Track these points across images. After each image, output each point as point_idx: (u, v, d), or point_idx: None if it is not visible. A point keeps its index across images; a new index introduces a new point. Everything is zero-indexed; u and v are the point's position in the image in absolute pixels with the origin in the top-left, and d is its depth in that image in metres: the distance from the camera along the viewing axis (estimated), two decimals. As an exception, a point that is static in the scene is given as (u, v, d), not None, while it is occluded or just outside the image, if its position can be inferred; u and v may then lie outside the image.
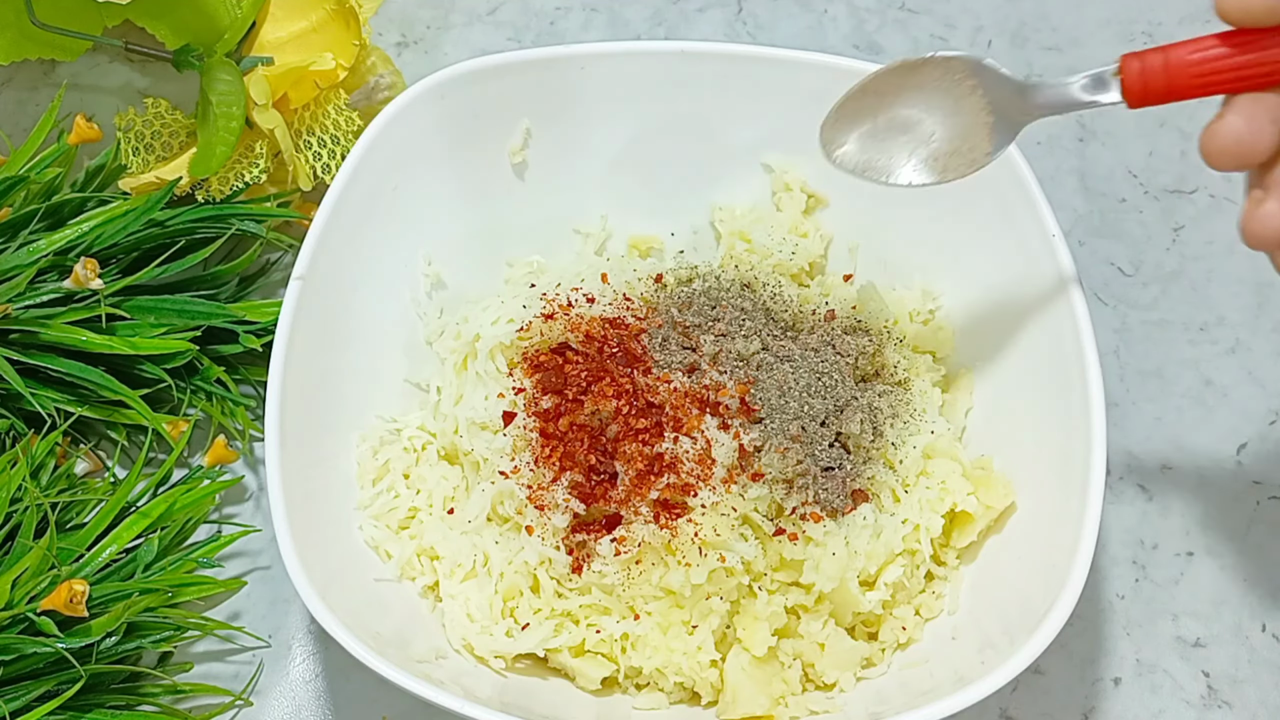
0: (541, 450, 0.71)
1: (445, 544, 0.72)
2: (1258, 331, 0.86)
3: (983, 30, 0.98)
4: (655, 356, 0.74)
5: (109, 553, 0.74)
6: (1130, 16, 0.98)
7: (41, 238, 0.80)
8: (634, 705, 0.71)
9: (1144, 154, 0.93)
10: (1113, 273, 0.89)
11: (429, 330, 0.80)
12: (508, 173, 0.82)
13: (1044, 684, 0.76)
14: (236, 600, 0.78)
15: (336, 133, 0.85)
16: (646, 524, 0.69)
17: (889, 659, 0.72)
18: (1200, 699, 0.76)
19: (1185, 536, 0.80)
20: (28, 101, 0.95)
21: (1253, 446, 0.83)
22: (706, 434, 0.70)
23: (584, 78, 0.80)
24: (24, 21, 0.85)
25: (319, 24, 0.85)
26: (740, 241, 0.82)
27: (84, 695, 0.70)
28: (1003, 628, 0.66)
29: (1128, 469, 0.82)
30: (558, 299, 0.76)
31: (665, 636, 0.69)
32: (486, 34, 0.98)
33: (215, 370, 0.81)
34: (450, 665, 0.69)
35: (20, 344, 0.77)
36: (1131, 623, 0.78)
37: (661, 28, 0.99)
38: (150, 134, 0.85)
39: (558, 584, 0.70)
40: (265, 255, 0.88)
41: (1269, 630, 0.77)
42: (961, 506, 0.72)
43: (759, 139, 0.81)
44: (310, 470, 0.71)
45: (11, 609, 0.68)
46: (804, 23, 0.99)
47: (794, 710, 0.69)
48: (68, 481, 0.78)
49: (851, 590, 0.69)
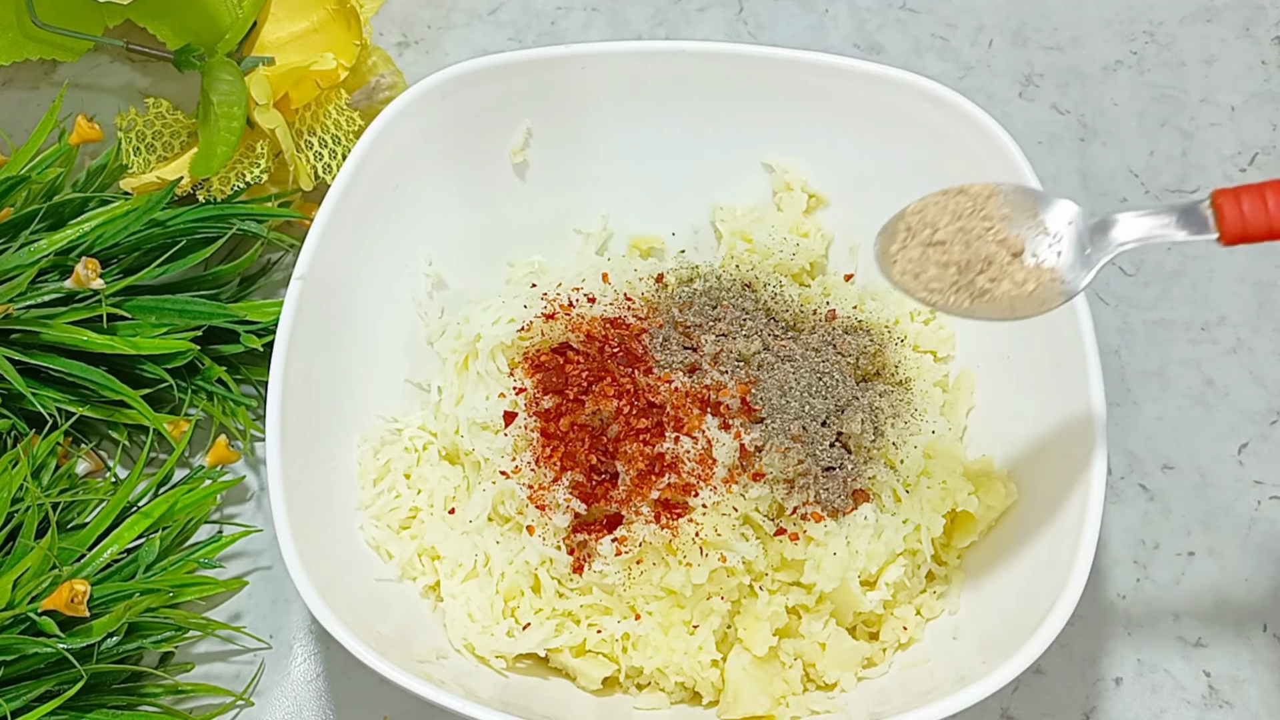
0: (542, 450, 0.71)
1: (446, 544, 0.72)
2: (1259, 331, 0.86)
3: (984, 30, 0.98)
4: (656, 356, 0.74)
5: (110, 553, 0.74)
6: (1131, 16, 0.98)
7: (43, 238, 0.80)
8: (635, 705, 0.71)
9: (1145, 154, 0.93)
10: (1114, 272, 0.89)
11: (430, 330, 0.80)
12: (509, 172, 0.82)
13: (1045, 684, 0.76)
14: (238, 600, 0.78)
15: (338, 132, 0.85)
16: (647, 524, 0.69)
17: (890, 659, 0.72)
18: (1201, 699, 0.76)
19: (1186, 536, 0.80)
20: (29, 101, 0.95)
21: (1253, 446, 0.82)
22: (707, 434, 0.70)
23: (585, 78, 0.80)
24: (25, 22, 0.85)
25: (320, 24, 0.85)
26: (741, 241, 0.82)
27: (85, 695, 0.70)
28: (1004, 627, 0.66)
29: (1129, 469, 0.82)
30: (559, 299, 0.76)
31: (666, 636, 0.69)
32: (487, 34, 0.98)
33: (216, 370, 0.81)
34: (451, 665, 0.69)
35: (22, 344, 0.77)
36: (1132, 623, 0.78)
37: (662, 28, 0.99)
38: (151, 134, 0.85)
39: (559, 584, 0.70)
40: (266, 255, 0.88)
41: (1270, 630, 0.77)
42: (962, 506, 0.72)
43: (760, 139, 0.81)
44: (311, 470, 0.71)
45: (13, 609, 0.68)
46: (805, 23, 0.99)
47: (795, 710, 0.69)
48: (69, 481, 0.78)
49: (852, 590, 0.69)
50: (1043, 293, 0.60)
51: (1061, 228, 0.60)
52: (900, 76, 0.77)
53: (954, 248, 0.60)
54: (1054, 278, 0.60)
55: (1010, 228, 0.60)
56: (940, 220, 0.61)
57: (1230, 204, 0.57)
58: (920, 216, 0.62)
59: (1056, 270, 0.60)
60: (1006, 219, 0.61)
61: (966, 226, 0.61)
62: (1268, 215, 0.56)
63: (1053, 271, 0.60)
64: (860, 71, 0.78)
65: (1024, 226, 0.60)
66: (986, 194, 0.61)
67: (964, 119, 0.75)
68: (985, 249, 0.60)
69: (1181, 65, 0.96)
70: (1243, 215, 0.56)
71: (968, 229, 0.60)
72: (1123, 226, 0.59)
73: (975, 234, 0.60)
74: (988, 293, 0.60)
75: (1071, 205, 0.61)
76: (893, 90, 0.77)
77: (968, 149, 0.75)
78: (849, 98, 0.78)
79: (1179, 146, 0.93)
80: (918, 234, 0.61)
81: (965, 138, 0.75)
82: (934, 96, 0.76)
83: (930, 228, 0.61)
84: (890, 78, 0.77)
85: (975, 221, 0.61)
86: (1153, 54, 0.97)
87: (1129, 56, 0.97)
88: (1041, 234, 0.60)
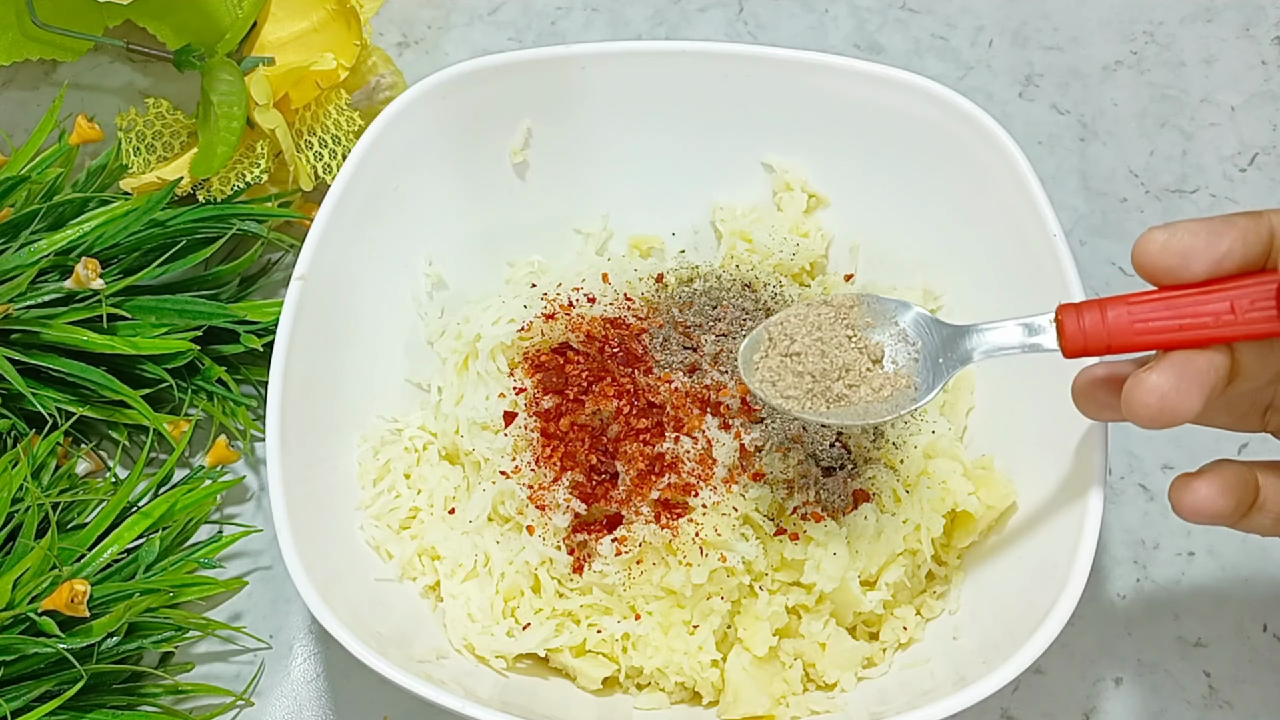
0: (542, 450, 0.71)
1: (446, 544, 0.72)
2: (1259, 331, 0.86)
3: (983, 30, 0.98)
4: (656, 356, 0.74)
5: (110, 553, 0.74)
6: (1131, 16, 0.98)
7: (43, 238, 0.80)
8: (635, 705, 0.71)
9: (1145, 154, 0.93)
10: (1114, 273, 0.89)
11: (430, 330, 0.80)
12: (509, 172, 0.82)
13: (1045, 684, 0.76)
14: (238, 600, 0.78)
15: (338, 133, 0.85)
16: (647, 524, 0.69)
17: (890, 659, 0.72)
18: (1201, 699, 0.76)
19: (1186, 536, 0.80)
20: (29, 102, 0.95)
21: (1253, 447, 0.82)
22: (707, 434, 0.70)
23: (585, 78, 0.80)
24: (25, 22, 0.85)
25: (320, 24, 0.85)
26: (741, 241, 0.82)
27: (85, 695, 0.70)
28: (1004, 627, 0.66)
29: (1129, 468, 0.82)
30: (559, 299, 0.76)
31: (666, 636, 0.69)
32: (487, 34, 0.99)
33: (216, 370, 0.81)
34: (451, 665, 0.69)
35: (21, 344, 0.77)
36: (1133, 622, 0.78)
37: (662, 28, 0.99)
38: (151, 134, 0.85)
39: (559, 584, 0.70)
40: (266, 255, 0.88)
41: (1270, 630, 0.77)
42: (962, 506, 0.72)
43: (759, 139, 0.81)
44: (311, 470, 0.71)
45: (13, 609, 0.68)
46: (805, 23, 0.99)
47: (795, 710, 0.69)
48: (69, 482, 0.78)
49: (852, 590, 0.69)
50: (896, 398, 0.62)
51: (919, 335, 0.63)
52: (900, 76, 0.77)
53: (809, 358, 0.63)
54: (909, 383, 0.62)
55: (872, 334, 0.63)
56: (799, 332, 0.63)
57: (1071, 319, 0.58)
58: (781, 328, 0.64)
59: (913, 377, 0.62)
60: (869, 326, 0.63)
61: (825, 336, 0.63)
62: (1105, 330, 0.57)
63: (909, 378, 0.62)
64: (860, 71, 0.78)
65: (885, 334, 0.63)
66: (849, 304, 0.64)
67: (964, 119, 0.75)
68: (844, 357, 0.62)
69: (1181, 65, 0.96)
70: (1083, 330, 0.58)
71: (826, 339, 0.63)
72: (974, 338, 0.61)
73: (835, 342, 0.63)
74: (844, 398, 0.62)
75: (925, 313, 0.63)
76: (893, 90, 0.77)
77: (968, 149, 0.75)
78: (849, 98, 0.78)
79: (1179, 146, 0.93)
80: (778, 344, 0.64)
81: (965, 138, 0.75)
82: (934, 96, 0.76)
83: (789, 339, 0.63)
84: (890, 78, 0.77)
85: (837, 330, 0.63)
86: (1153, 54, 0.97)
87: (1129, 56, 0.97)
88: (901, 341, 0.63)
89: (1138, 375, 0.56)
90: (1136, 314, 0.57)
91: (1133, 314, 0.57)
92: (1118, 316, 0.57)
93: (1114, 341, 0.57)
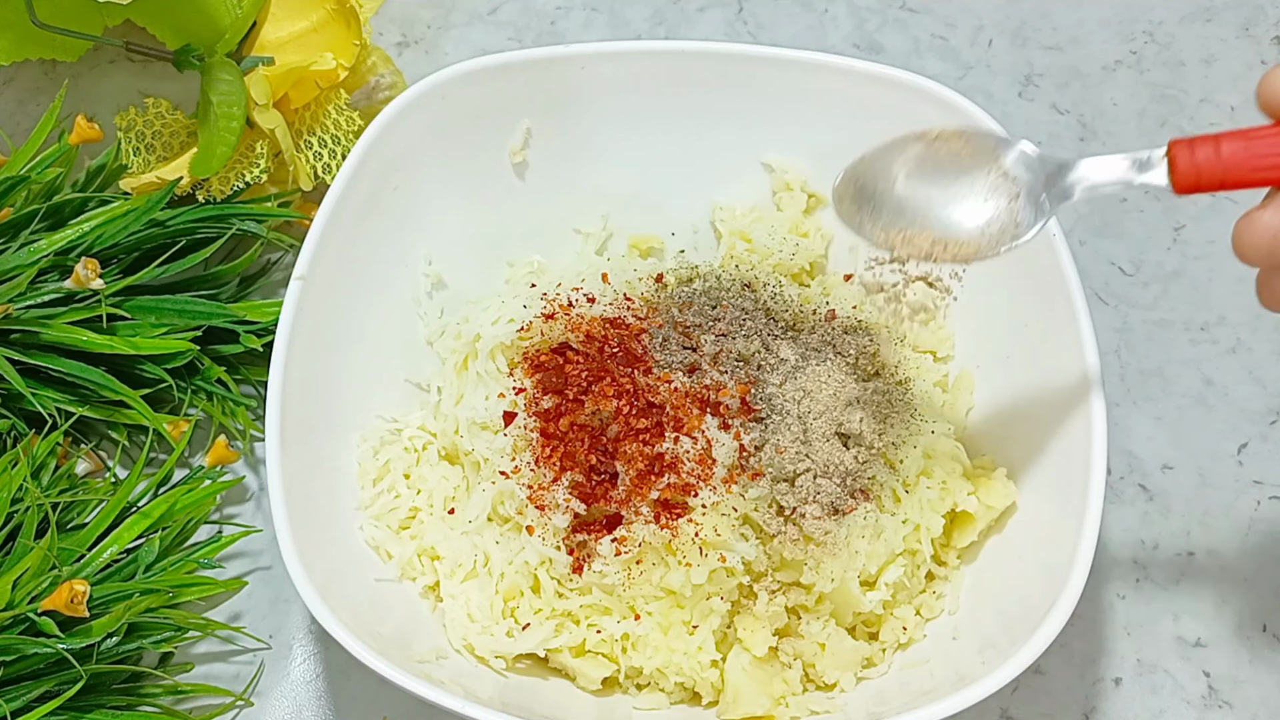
0: (542, 450, 0.71)
1: (446, 544, 0.72)
2: (1258, 331, 0.86)
3: (983, 30, 0.98)
4: (656, 356, 0.74)
5: (110, 553, 0.74)
6: (1131, 16, 0.98)
7: (42, 238, 0.80)
8: (634, 705, 0.71)
9: (1145, 154, 0.93)
10: (1113, 272, 0.89)
11: (429, 330, 0.80)
12: (508, 172, 0.82)
13: (1044, 684, 0.76)
14: (237, 601, 0.78)
15: (337, 132, 0.85)
16: (647, 524, 0.69)
17: (889, 659, 0.72)
18: (1201, 699, 0.76)
19: (1186, 536, 0.80)
20: (29, 102, 0.95)
21: (1253, 446, 0.82)
22: (707, 434, 0.70)
23: (584, 78, 0.80)
24: (25, 22, 0.85)
25: (319, 24, 0.85)
26: (741, 241, 0.82)
27: (84, 696, 0.70)
28: (1003, 628, 0.66)
29: (1128, 469, 0.82)
30: (558, 299, 0.76)
31: (666, 636, 0.69)
32: (487, 34, 0.99)
33: (216, 370, 0.81)
34: (451, 665, 0.69)
35: (21, 344, 0.77)
36: (1132, 623, 0.78)
37: (662, 27, 0.99)
38: (151, 134, 0.85)
39: (558, 584, 0.70)
40: (266, 255, 0.88)
41: (1269, 630, 0.77)
42: (962, 506, 0.72)
43: (759, 139, 0.81)
44: (311, 470, 0.71)
45: (12, 609, 0.68)
46: (804, 22, 0.99)
47: (794, 710, 0.69)
48: (69, 482, 0.78)
49: (852, 590, 0.69)
50: (999, 236, 0.61)
51: (1020, 172, 0.61)
52: (900, 76, 0.77)
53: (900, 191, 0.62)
54: (1012, 219, 0.61)
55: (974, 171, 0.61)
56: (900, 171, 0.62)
57: (1184, 153, 0.56)
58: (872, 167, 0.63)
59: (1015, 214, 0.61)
60: (971, 163, 0.62)
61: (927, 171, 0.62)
62: (1220, 164, 0.55)
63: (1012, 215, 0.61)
64: (860, 71, 0.78)
65: (987, 169, 0.61)
66: (950, 136, 0.62)
67: (964, 119, 0.75)
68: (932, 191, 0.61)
69: (1181, 65, 0.96)
70: (1196, 165, 0.56)
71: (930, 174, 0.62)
72: (1078, 172, 0.60)
73: (926, 176, 0.62)
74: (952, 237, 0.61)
75: (1027, 150, 0.61)
76: (893, 90, 0.77)
77: (967, 149, 0.75)
78: (849, 98, 0.78)
79: (1179, 146, 0.93)
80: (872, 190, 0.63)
81: (965, 138, 0.75)
82: (934, 96, 0.76)
83: (890, 179, 0.62)
84: (890, 78, 0.77)
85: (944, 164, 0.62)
86: (1152, 54, 0.97)
87: (1129, 56, 0.97)
88: (1001, 178, 0.61)
89: (1250, 214, 0.54)
90: (1255, 148, 0.55)
91: (1251, 148, 0.55)
92: (1234, 151, 0.55)
93: (1229, 177, 0.55)
